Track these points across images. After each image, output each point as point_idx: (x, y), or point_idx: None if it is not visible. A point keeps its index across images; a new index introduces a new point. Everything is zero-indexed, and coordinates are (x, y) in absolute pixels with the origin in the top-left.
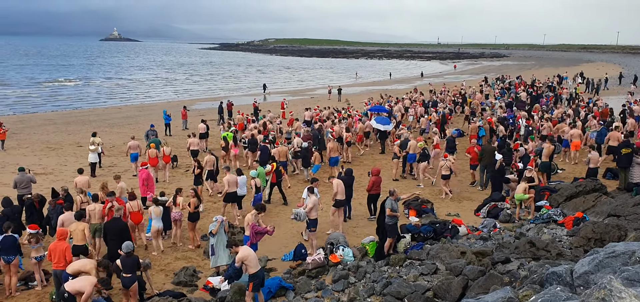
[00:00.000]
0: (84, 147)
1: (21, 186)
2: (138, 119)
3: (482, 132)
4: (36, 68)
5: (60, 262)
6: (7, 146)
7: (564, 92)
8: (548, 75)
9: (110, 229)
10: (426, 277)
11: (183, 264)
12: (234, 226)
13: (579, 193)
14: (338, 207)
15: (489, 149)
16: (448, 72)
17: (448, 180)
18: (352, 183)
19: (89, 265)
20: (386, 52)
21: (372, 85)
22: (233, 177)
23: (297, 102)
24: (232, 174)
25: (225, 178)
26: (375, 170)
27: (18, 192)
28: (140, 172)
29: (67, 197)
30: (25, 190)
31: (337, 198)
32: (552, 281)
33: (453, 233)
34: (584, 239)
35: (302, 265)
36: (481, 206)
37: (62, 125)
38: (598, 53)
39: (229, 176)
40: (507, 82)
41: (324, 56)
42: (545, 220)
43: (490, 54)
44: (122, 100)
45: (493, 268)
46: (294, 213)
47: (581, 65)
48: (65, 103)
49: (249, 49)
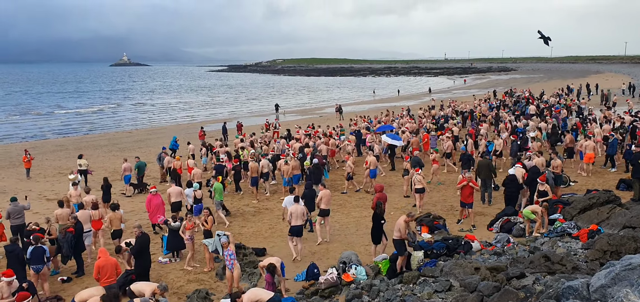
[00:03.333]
0: (97, 171)
1: (14, 216)
2: (148, 143)
3: (491, 146)
4: (57, 96)
5: (111, 277)
6: (19, 173)
7: (572, 104)
8: (556, 87)
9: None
10: (440, 295)
11: (195, 287)
12: (244, 246)
13: (593, 205)
14: (292, 235)
15: (484, 163)
16: (456, 87)
17: (422, 194)
18: (313, 196)
19: (96, 294)
20: (393, 69)
21: (380, 102)
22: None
23: (306, 121)
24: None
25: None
26: (378, 186)
27: (11, 223)
28: (147, 197)
29: (77, 225)
30: (19, 220)
31: (292, 224)
32: (568, 295)
33: (466, 249)
34: (600, 252)
35: (315, 285)
36: (494, 220)
37: (73, 150)
38: (606, 64)
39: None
40: (515, 96)
41: (332, 75)
42: (560, 233)
43: (497, 68)
44: (141, 123)
45: (508, 284)
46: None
47: (589, 76)
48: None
49: (257, 70)
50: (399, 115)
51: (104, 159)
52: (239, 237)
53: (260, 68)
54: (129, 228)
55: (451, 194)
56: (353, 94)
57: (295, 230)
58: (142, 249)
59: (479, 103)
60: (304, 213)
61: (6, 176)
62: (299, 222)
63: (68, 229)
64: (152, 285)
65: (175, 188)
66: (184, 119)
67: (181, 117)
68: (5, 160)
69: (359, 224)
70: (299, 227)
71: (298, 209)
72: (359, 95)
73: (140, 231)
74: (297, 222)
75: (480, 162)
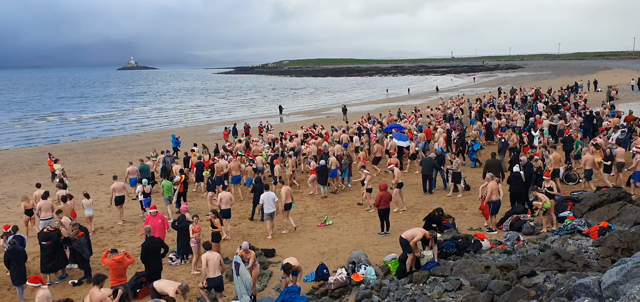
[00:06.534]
0: (105, 174)
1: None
2: (156, 145)
3: (477, 145)
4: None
5: (122, 276)
6: (30, 177)
7: (580, 101)
8: (564, 84)
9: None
10: (451, 294)
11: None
12: (254, 247)
13: (603, 202)
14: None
15: (494, 163)
16: (463, 85)
17: (370, 194)
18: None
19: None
20: (400, 68)
21: (390, 102)
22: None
23: (311, 122)
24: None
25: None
26: (382, 185)
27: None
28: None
29: (84, 231)
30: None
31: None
32: (580, 293)
33: (476, 248)
34: (611, 249)
35: (325, 285)
36: (503, 219)
37: (83, 154)
38: (615, 60)
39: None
40: (524, 95)
41: (338, 75)
42: (570, 231)
43: (505, 65)
44: (160, 125)
45: (518, 282)
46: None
47: (597, 73)
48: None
49: (263, 72)
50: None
51: (113, 162)
52: (248, 238)
53: (266, 69)
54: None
55: (461, 193)
56: (368, 93)
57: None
58: (148, 254)
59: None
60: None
61: (17, 180)
62: (270, 209)
63: (79, 234)
64: (174, 284)
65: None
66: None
67: (200, 119)
68: (15, 165)
69: (368, 224)
70: (271, 212)
71: (269, 196)
72: (373, 94)
73: (147, 235)
74: (269, 209)
75: (490, 161)
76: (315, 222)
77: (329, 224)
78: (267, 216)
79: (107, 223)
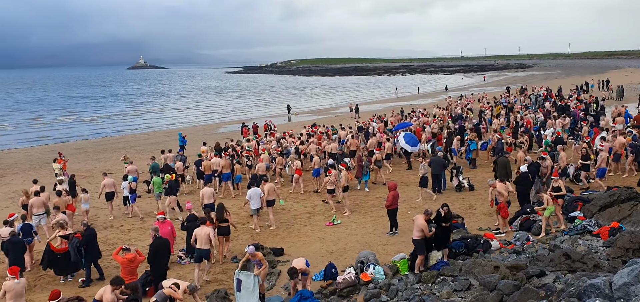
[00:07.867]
0: (114, 173)
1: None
2: (165, 144)
3: (473, 145)
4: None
5: (133, 274)
6: (39, 176)
7: (591, 101)
8: (572, 84)
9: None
10: (460, 294)
11: (214, 287)
12: (262, 246)
13: (614, 202)
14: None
15: (502, 161)
16: (473, 84)
17: (333, 194)
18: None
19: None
20: (409, 67)
21: (399, 101)
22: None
23: (321, 121)
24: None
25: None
26: (392, 184)
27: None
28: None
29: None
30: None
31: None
32: (590, 293)
33: (485, 248)
34: (622, 249)
35: (333, 284)
36: (513, 218)
37: (92, 153)
38: (626, 59)
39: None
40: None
41: (347, 74)
42: (580, 231)
43: (514, 65)
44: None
45: (528, 282)
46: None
47: (608, 72)
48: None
49: (272, 71)
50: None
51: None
52: (257, 237)
53: (275, 69)
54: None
55: (470, 193)
56: (377, 93)
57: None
58: (156, 254)
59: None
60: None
61: (27, 178)
62: (256, 205)
63: (76, 235)
64: (183, 284)
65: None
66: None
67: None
68: (26, 163)
69: (376, 223)
70: (257, 208)
71: (255, 192)
72: (382, 94)
73: (155, 235)
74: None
75: (499, 160)
76: (323, 222)
77: (337, 223)
78: (253, 211)
79: (117, 222)
